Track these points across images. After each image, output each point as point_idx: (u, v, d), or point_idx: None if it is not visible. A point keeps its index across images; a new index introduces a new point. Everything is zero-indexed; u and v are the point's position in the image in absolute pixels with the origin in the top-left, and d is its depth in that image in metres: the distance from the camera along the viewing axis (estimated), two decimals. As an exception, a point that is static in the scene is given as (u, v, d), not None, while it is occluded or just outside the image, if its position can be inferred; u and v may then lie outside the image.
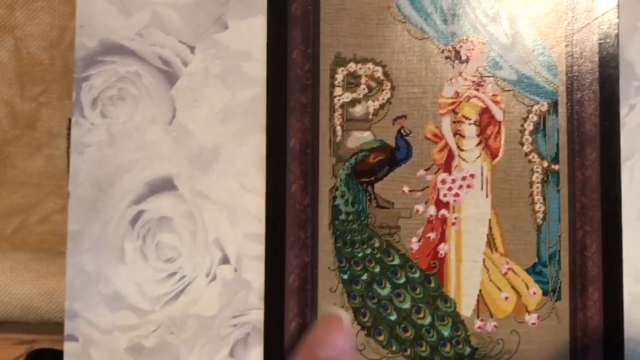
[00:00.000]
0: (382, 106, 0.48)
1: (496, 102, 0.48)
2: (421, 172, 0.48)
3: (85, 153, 0.50)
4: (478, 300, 0.47)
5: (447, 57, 0.48)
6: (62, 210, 0.58)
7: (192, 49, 0.50)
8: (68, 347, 0.49)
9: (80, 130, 0.50)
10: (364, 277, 0.48)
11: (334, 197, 0.48)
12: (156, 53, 0.50)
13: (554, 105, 0.47)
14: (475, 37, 0.48)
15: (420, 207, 0.48)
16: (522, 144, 0.47)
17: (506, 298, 0.47)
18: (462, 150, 0.48)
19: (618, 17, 0.47)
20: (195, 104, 0.49)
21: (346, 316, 0.42)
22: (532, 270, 0.47)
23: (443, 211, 0.48)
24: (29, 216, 0.59)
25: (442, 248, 0.47)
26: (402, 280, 0.48)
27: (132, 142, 0.50)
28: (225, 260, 0.49)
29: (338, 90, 0.48)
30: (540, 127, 0.47)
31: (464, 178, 0.48)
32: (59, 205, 0.59)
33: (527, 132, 0.47)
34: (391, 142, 0.48)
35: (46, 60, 0.58)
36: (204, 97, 0.49)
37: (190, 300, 0.49)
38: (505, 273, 0.47)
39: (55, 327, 0.57)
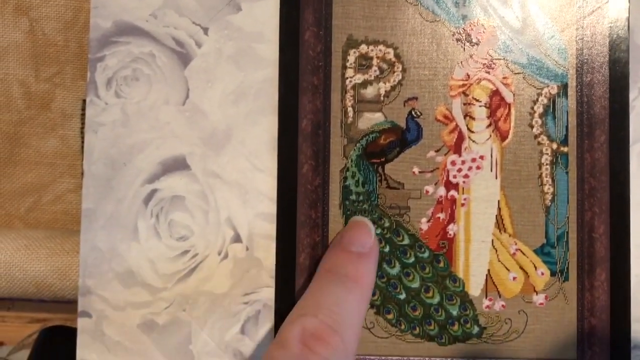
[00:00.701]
0: (393, 88, 0.48)
1: (506, 85, 0.48)
2: (431, 153, 0.48)
3: (99, 132, 0.50)
4: (486, 280, 0.48)
5: (458, 40, 0.48)
6: (75, 190, 0.59)
7: (205, 30, 0.50)
8: (82, 324, 0.50)
9: (95, 109, 0.50)
10: (374, 256, 0.48)
11: (345, 178, 0.49)
12: (170, 34, 0.50)
13: (564, 88, 0.48)
14: (486, 20, 0.48)
15: (430, 188, 0.48)
16: (531, 126, 0.48)
17: (514, 278, 0.48)
18: (472, 132, 0.48)
19: (629, 1, 0.48)
20: (208, 84, 0.50)
21: (372, 225, 0.46)
22: (540, 251, 0.48)
23: (452, 192, 0.48)
24: (43, 196, 0.60)
25: (451, 228, 0.48)
26: (412, 259, 0.48)
27: (145, 121, 0.50)
28: (236, 239, 0.50)
29: (350, 72, 0.49)
30: (549, 110, 0.48)
31: (473, 160, 0.48)
32: (73, 185, 0.59)
33: (536, 115, 0.48)
34: (402, 123, 0.48)
35: (61, 41, 0.58)
36: (216, 78, 0.50)
37: (203, 277, 0.50)
38: (514, 254, 0.48)
39: (67, 306, 0.58)
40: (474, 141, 0.48)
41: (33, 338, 0.58)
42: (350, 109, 0.49)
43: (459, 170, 0.48)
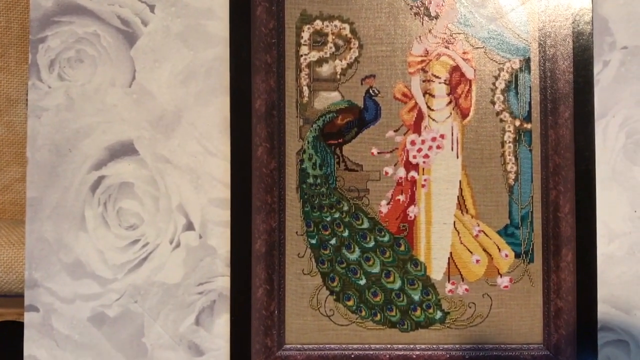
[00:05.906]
0: (349, 65, 0.46)
1: (467, 60, 0.46)
2: (390, 133, 0.46)
3: (42, 117, 0.48)
4: (449, 264, 0.46)
5: (416, 14, 0.46)
6: (23, 179, 0.57)
7: (151, 7, 0.48)
8: (28, 318, 0.47)
9: (38, 93, 0.48)
10: (333, 241, 0.46)
11: (302, 160, 0.47)
12: (115, 12, 0.48)
13: (526, 62, 0.46)
14: (445, -7, 0.46)
15: (389, 169, 0.46)
16: (493, 103, 0.46)
17: (477, 261, 0.46)
18: (432, 110, 0.46)
19: (591, -30, 0.46)
20: (155, 64, 0.48)
21: None
22: (504, 232, 0.46)
23: (412, 173, 0.46)
24: (-11, 186, 0.58)
25: (412, 211, 0.46)
26: (372, 244, 0.46)
27: (91, 105, 0.48)
28: (189, 227, 0.48)
29: (304, 49, 0.47)
30: (512, 85, 0.46)
31: (433, 139, 0.46)
32: (20, 174, 0.57)
33: (498, 91, 0.46)
34: (359, 102, 0.46)
35: (2, 22, 0.56)
36: (164, 58, 0.48)
37: (154, 267, 0.47)
38: (477, 235, 0.46)
39: (20, 300, 0.56)
40: (434, 119, 0.46)
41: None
42: (305, 88, 0.47)
43: (419, 150, 0.46)
